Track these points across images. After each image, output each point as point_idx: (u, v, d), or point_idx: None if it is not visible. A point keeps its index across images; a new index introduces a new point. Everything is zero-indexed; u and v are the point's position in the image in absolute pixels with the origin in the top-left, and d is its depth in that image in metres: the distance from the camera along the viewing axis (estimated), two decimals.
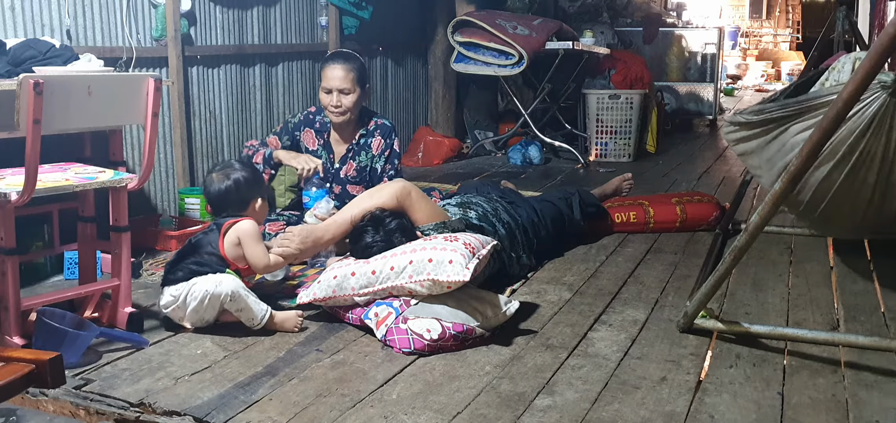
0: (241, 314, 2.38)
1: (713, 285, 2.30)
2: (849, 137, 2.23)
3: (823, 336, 2.31)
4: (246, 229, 2.48)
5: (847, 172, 2.31)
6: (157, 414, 1.91)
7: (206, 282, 2.36)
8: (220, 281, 2.36)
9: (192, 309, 2.37)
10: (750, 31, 17.99)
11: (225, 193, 2.58)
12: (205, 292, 2.35)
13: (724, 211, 3.67)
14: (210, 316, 2.40)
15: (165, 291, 2.42)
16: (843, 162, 2.29)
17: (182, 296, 2.37)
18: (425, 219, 2.80)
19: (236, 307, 2.36)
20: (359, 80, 3.33)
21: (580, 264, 3.15)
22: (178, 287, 2.39)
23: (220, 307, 2.38)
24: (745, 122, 2.58)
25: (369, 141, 3.44)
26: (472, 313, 2.33)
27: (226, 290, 2.35)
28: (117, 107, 2.39)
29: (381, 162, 3.43)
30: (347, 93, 3.31)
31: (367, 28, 5.25)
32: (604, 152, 5.95)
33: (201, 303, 2.35)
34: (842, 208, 2.46)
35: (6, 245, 2.17)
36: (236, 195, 2.59)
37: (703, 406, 1.93)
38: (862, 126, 2.20)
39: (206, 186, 2.66)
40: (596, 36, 6.44)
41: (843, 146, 2.25)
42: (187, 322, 2.41)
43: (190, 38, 3.89)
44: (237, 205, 2.59)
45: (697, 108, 8.09)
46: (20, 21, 3.11)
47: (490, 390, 2.02)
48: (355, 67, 3.33)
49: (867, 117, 2.19)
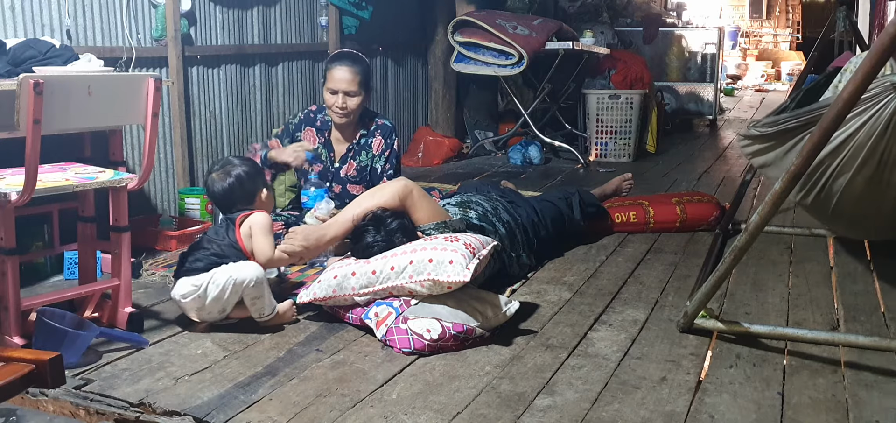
0: (255, 304, 2.40)
1: (713, 285, 2.30)
2: (867, 141, 2.25)
3: (823, 336, 2.31)
4: (258, 221, 2.53)
5: (870, 176, 2.33)
6: (157, 414, 1.91)
7: (229, 269, 2.38)
8: (243, 268, 2.38)
9: (212, 298, 2.37)
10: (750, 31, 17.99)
11: (229, 191, 2.62)
12: (228, 277, 2.36)
13: (724, 211, 3.67)
14: (229, 306, 2.40)
15: (183, 281, 2.40)
16: (865, 166, 2.31)
17: (204, 285, 2.37)
18: (427, 218, 2.80)
19: (255, 295, 2.38)
20: (364, 83, 3.34)
21: (580, 264, 3.15)
22: (200, 277, 2.38)
23: (240, 295, 2.38)
24: (759, 134, 2.58)
25: (370, 141, 3.45)
26: (473, 314, 2.33)
27: (250, 276, 2.37)
28: (117, 107, 2.39)
29: (381, 162, 3.43)
30: (353, 95, 3.32)
31: (367, 28, 5.25)
32: (604, 152, 5.95)
33: (223, 291, 2.35)
34: (868, 211, 2.48)
35: (6, 245, 2.17)
36: (241, 191, 2.63)
37: (703, 406, 1.93)
38: (880, 129, 2.23)
39: (208, 187, 2.68)
40: (596, 36, 6.44)
41: (863, 150, 2.27)
42: (201, 315, 2.40)
43: (190, 38, 3.89)
44: (243, 199, 2.63)
45: (697, 108, 8.09)
46: (20, 21, 3.11)
47: (490, 390, 2.02)
48: (361, 70, 3.33)
49: (884, 119, 2.21)
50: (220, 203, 2.67)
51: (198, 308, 2.40)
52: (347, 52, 3.43)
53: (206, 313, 2.41)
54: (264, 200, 2.70)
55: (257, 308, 2.41)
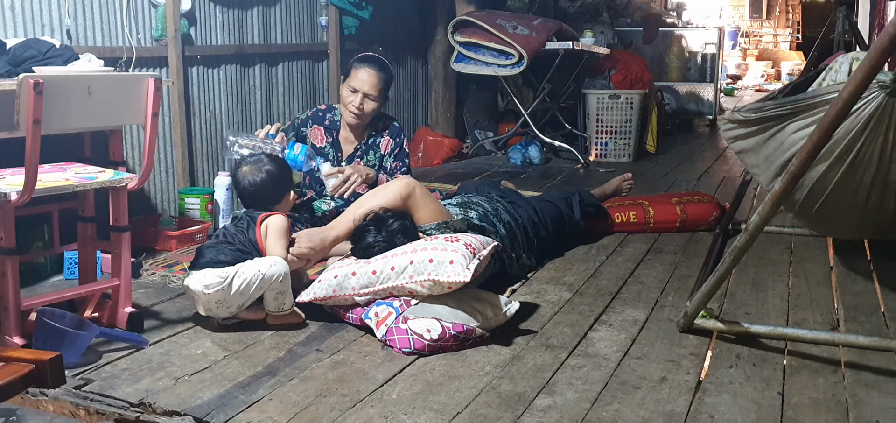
0: (278, 298, 2.41)
1: (713, 285, 2.30)
2: (846, 137, 2.22)
3: (823, 336, 2.31)
4: (275, 224, 2.54)
5: (844, 172, 2.29)
6: (157, 414, 1.91)
7: (257, 264, 2.39)
8: (272, 262, 2.39)
9: (237, 291, 2.35)
10: (750, 31, 18.00)
11: (261, 187, 2.65)
12: (257, 272, 2.36)
13: (724, 211, 3.67)
14: (249, 301, 2.40)
15: (208, 272, 2.36)
16: (840, 161, 2.28)
17: (230, 277, 2.36)
18: (429, 218, 2.80)
19: (281, 289, 2.40)
20: (384, 91, 3.36)
21: (580, 264, 3.15)
22: (226, 269, 2.37)
23: (264, 290, 2.39)
24: (742, 119, 2.57)
25: (378, 141, 3.45)
26: (473, 314, 2.33)
27: (279, 271, 2.38)
28: (117, 107, 2.39)
29: (390, 159, 3.44)
30: (372, 100, 3.32)
31: (367, 28, 5.25)
32: (604, 152, 5.95)
33: (249, 285, 2.36)
34: (839, 208, 2.45)
35: (6, 245, 2.17)
36: (271, 189, 2.67)
37: (703, 406, 1.93)
38: (859, 125, 2.19)
39: (237, 180, 2.70)
40: (596, 36, 6.43)
41: (840, 145, 2.24)
42: (217, 309, 2.38)
43: (190, 38, 3.89)
44: (271, 199, 2.67)
45: (697, 108, 8.09)
46: (20, 21, 3.11)
47: (490, 390, 2.02)
48: (386, 78, 3.34)
49: (865, 117, 2.18)
50: (245, 197, 2.69)
51: (218, 301, 2.37)
52: (376, 57, 3.41)
53: (224, 308, 2.38)
54: (289, 201, 2.75)
55: (277, 303, 2.42)
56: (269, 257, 2.45)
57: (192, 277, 2.40)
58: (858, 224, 2.57)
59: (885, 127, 2.19)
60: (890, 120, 2.18)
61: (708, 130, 7.89)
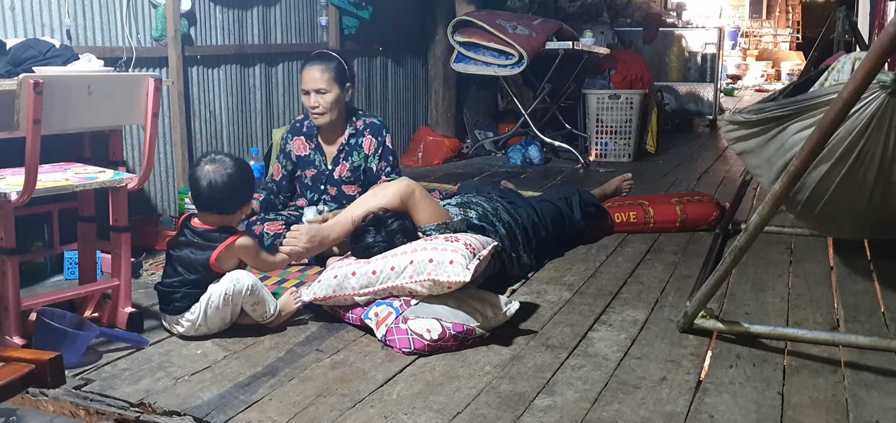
0: (256, 309, 2.39)
1: (713, 285, 2.30)
2: (847, 137, 2.22)
3: (823, 336, 2.31)
4: (247, 248, 2.41)
5: (845, 172, 2.30)
6: (157, 414, 1.91)
7: (221, 285, 2.33)
8: (237, 279, 2.35)
9: (212, 316, 2.34)
10: (750, 31, 17.99)
11: (220, 189, 2.36)
12: (223, 293, 2.33)
13: (724, 211, 3.67)
14: (229, 316, 2.37)
15: (180, 319, 2.35)
16: (842, 161, 2.28)
17: (200, 311, 2.33)
18: (428, 219, 2.80)
19: (254, 301, 2.37)
20: (336, 78, 3.31)
21: (580, 264, 3.15)
22: (193, 310, 2.34)
23: (240, 304, 2.36)
24: (744, 121, 2.58)
25: (360, 141, 3.43)
26: (473, 314, 2.33)
27: (245, 284, 2.35)
28: (117, 107, 2.39)
29: (375, 161, 3.42)
30: (324, 92, 3.29)
31: (367, 28, 5.25)
32: (604, 152, 5.95)
33: (219, 308, 2.33)
34: (840, 208, 2.45)
35: (6, 245, 2.17)
36: (232, 195, 2.39)
37: (703, 406, 1.93)
38: (860, 125, 2.19)
39: (195, 177, 2.38)
40: (596, 36, 6.43)
41: (842, 146, 2.24)
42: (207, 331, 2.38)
43: (190, 38, 3.89)
44: (230, 205, 2.41)
45: (697, 108, 8.09)
46: (20, 21, 3.11)
47: (490, 390, 2.02)
48: (331, 66, 3.30)
49: (866, 117, 2.18)
50: (200, 197, 2.38)
51: (198, 330, 2.37)
52: (317, 53, 3.40)
53: (210, 329, 2.38)
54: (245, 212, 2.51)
55: (259, 313, 2.40)
56: (232, 274, 2.36)
57: (168, 319, 2.40)
58: (860, 224, 2.57)
59: (886, 127, 2.20)
60: (891, 120, 2.18)
61: (708, 130, 7.89)
